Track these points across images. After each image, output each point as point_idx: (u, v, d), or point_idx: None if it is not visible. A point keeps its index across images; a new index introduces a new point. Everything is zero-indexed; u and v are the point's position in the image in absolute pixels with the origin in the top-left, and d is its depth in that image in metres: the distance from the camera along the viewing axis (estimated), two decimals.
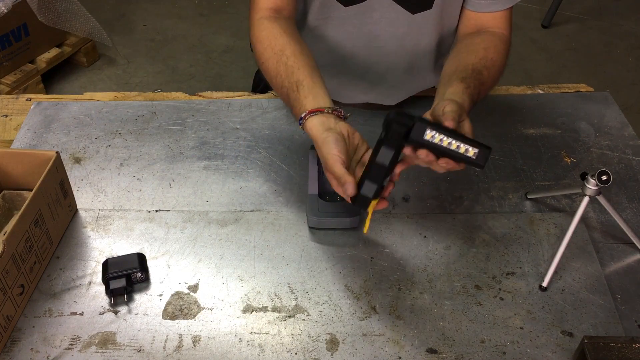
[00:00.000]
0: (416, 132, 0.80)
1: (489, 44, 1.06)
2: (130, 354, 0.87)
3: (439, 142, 0.80)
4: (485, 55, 1.03)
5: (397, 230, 1.04)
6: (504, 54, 1.07)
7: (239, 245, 1.02)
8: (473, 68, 0.99)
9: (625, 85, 2.89)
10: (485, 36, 1.09)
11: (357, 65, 1.20)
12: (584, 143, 1.22)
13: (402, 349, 0.87)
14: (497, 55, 1.04)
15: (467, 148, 0.80)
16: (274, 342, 0.88)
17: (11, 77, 2.59)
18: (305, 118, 0.93)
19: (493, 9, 1.10)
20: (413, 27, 1.13)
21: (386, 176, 0.86)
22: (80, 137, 1.22)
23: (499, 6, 1.10)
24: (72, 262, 0.99)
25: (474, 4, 1.11)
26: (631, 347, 0.80)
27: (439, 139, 0.80)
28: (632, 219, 1.06)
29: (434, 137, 0.80)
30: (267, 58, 1.02)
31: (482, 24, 1.12)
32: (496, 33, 1.10)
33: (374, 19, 1.12)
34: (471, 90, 0.94)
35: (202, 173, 1.15)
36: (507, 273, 0.98)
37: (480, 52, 1.04)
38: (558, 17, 3.29)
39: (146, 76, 2.92)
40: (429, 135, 0.80)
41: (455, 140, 0.80)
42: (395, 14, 1.11)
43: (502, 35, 1.10)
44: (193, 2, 3.47)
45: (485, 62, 1.02)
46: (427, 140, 0.80)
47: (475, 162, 0.81)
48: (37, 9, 2.49)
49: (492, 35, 1.09)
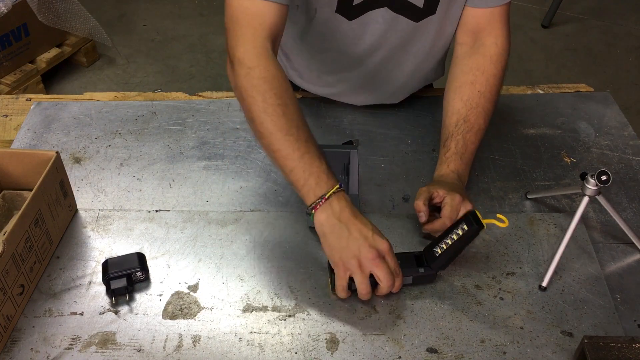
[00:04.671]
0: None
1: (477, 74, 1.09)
2: (130, 354, 0.87)
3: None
4: (470, 94, 1.08)
5: (397, 230, 1.04)
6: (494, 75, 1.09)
7: (239, 245, 1.02)
8: (457, 119, 1.07)
9: (625, 85, 2.89)
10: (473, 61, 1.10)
11: (362, 71, 1.20)
12: (584, 143, 1.22)
13: (402, 348, 0.87)
14: (484, 87, 1.08)
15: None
16: (274, 341, 0.88)
17: (11, 77, 2.59)
18: (334, 194, 0.90)
19: (490, 5, 1.09)
20: (417, 33, 1.13)
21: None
22: (80, 137, 1.22)
23: (491, 2, 1.09)
24: (72, 262, 0.99)
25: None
26: (631, 347, 0.80)
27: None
28: (632, 219, 1.06)
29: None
30: (280, 140, 0.91)
31: (478, 25, 1.11)
32: (487, 48, 1.10)
33: (377, 30, 1.11)
34: (468, 156, 1.05)
35: (202, 173, 1.15)
36: (507, 273, 0.98)
37: (465, 91, 1.08)
38: (558, 17, 3.29)
39: (146, 76, 2.92)
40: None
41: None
42: (398, 23, 1.10)
43: (495, 45, 1.10)
44: (193, 2, 3.47)
45: (471, 102, 1.07)
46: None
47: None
48: (37, 9, 2.49)
49: (483, 57, 1.10)
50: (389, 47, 1.15)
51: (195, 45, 3.13)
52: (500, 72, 1.10)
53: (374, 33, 1.12)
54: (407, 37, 1.13)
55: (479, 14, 1.11)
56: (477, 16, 1.11)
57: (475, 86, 1.08)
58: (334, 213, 0.89)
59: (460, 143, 1.05)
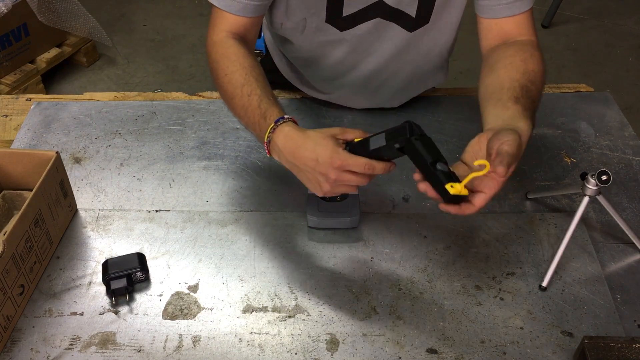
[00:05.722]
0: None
1: (525, 55, 0.97)
2: (130, 354, 0.87)
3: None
4: (525, 68, 0.94)
5: (397, 230, 1.04)
6: (542, 62, 0.98)
7: (239, 245, 1.02)
8: (521, 86, 0.91)
9: (625, 85, 2.88)
10: (517, 47, 1.00)
11: (359, 78, 1.19)
12: (584, 143, 1.22)
13: (402, 349, 0.87)
14: (536, 66, 0.96)
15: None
16: (274, 342, 0.88)
17: (11, 77, 2.59)
18: (286, 120, 0.91)
19: (509, 13, 1.02)
20: (411, 42, 1.11)
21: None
22: (80, 137, 1.22)
23: (516, 9, 1.01)
24: (72, 262, 0.99)
25: (489, 10, 1.03)
26: (631, 347, 0.80)
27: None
28: (632, 219, 1.06)
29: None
30: (234, 71, 0.99)
31: (506, 32, 1.03)
32: (525, 41, 1.02)
33: (370, 40, 1.10)
34: (530, 114, 0.86)
35: (202, 173, 1.15)
36: (507, 273, 0.98)
37: (520, 66, 0.95)
38: (558, 17, 3.28)
39: (146, 76, 2.92)
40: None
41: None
42: (392, 32, 1.09)
43: (532, 42, 1.02)
44: (193, 2, 3.47)
45: (529, 75, 0.93)
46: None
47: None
48: (37, 9, 2.49)
49: (524, 45, 1.00)
50: (383, 57, 1.14)
51: (195, 45, 3.13)
52: (543, 60, 0.99)
53: (367, 43, 1.11)
54: (402, 47, 1.12)
55: (503, 25, 1.03)
56: (501, 28, 1.04)
57: (528, 65, 0.95)
58: (280, 155, 0.92)
59: (532, 112, 0.88)
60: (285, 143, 0.89)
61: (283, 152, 0.90)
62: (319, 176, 0.87)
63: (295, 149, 0.88)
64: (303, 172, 0.89)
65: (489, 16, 1.04)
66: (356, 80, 1.20)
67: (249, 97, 0.95)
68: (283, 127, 0.90)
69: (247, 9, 1.03)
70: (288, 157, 0.89)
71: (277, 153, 0.92)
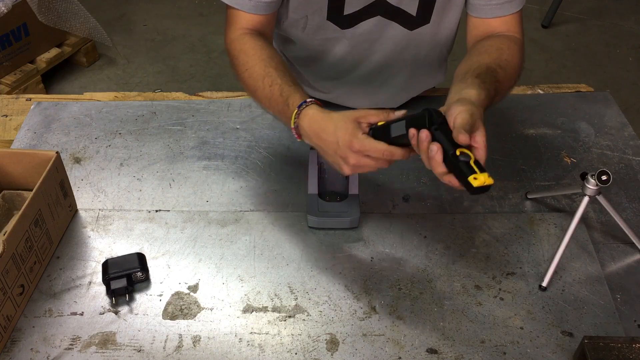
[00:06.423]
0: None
1: (502, 45, 1.01)
2: (130, 354, 0.87)
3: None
4: (499, 55, 0.98)
5: (397, 230, 1.04)
6: (519, 55, 1.01)
7: (239, 245, 1.02)
8: (487, 66, 0.94)
9: (625, 85, 2.88)
10: (497, 38, 1.03)
11: (359, 77, 1.20)
12: (584, 143, 1.22)
13: (402, 349, 0.87)
14: (510, 57, 0.99)
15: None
16: (274, 342, 0.88)
17: (11, 77, 2.59)
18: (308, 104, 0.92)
19: (500, 14, 1.04)
20: (412, 41, 1.12)
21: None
22: (80, 137, 1.22)
23: (506, 10, 1.04)
24: (72, 262, 0.99)
25: (480, 9, 1.05)
26: (631, 347, 0.80)
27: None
28: (632, 219, 1.06)
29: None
30: (253, 65, 1.01)
31: (493, 29, 1.06)
32: (509, 35, 1.04)
33: (371, 38, 1.11)
34: (487, 86, 0.89)
35: (202, 173, 1.15)
36: (507, 273, 0.98)
37: (493, 52, 0.99)
38: (558, 17, 3.28)
39: (146, 76, 2.92)
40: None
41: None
42: (393, 31, 1.10)
43: (515, 38, 1.04)
44: (193, 2, 3.47)
45: (500, 61, 0.97)
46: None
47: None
48: (37, 9, 2.49)
49: (505, 38, 1.03)
50: (383, 55, 1.14)
51: (195, 45, 3.13)
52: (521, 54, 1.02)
53: (368, 41, 1.12)
54: (402, 45, 1.13)
55: (491, 23, 1.06)
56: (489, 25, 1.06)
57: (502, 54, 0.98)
58: (308, 137, 0.92)
59: (492, 87, 0.90)
60: (310, 125, 0.90)
61: (309, 135, 0.91)
62: (339, 159, 0.87)
63: (320, 131, 0.89)
64: (327, 154, 0.90)
65: (479, 15, 1.06)
66: (356, 79, 1.20)
67: (271, 88, 0.97)
68: (307, 111, 0.91)
69: (258, 7, 1.04)
70: (313, 139, 0.91)
71: (306, 136, 0.93)
